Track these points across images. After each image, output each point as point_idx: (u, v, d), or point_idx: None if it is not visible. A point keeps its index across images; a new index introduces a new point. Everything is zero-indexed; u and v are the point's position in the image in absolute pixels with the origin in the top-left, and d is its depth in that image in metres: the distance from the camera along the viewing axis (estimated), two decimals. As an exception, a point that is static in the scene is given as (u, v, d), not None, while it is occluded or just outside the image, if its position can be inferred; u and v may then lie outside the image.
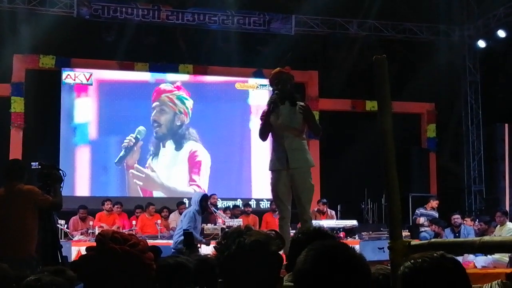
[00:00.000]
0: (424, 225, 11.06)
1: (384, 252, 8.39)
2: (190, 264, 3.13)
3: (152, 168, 12.63)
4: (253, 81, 13.32)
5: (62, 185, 5.49)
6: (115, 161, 12.46)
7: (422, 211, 11.35)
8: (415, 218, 11.30)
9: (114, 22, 12.18)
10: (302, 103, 5.93)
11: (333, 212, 11.64)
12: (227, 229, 7.71)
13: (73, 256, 8.39)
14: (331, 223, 10.51)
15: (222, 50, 12.80)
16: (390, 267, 2.27)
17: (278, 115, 5.80)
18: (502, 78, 13.28)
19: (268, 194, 8.03)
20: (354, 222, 10.77)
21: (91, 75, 12.50)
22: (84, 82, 12.47)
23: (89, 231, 9.98)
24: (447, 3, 13.15)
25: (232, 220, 10.16)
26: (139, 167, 12.54)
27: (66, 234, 10.00)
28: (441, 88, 13.76)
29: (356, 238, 10.22)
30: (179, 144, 12.86)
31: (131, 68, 12.82)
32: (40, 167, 5.55)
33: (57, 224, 7.55)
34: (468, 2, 13.33)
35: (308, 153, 5.94)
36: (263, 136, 5.94)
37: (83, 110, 12.49)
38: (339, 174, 12.73)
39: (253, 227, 2.05)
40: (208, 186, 12.69)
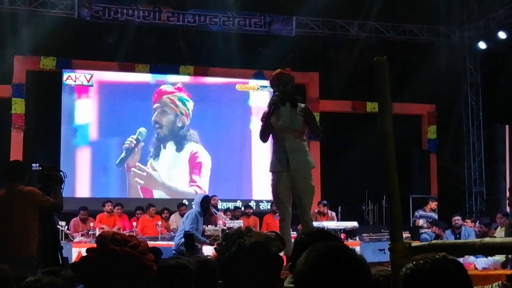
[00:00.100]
0: (424, 227, 11.02)
1: (384, 253, 8.37)
2: (191, 266, 3.13)
3: (154, 167, 12.64)
4: (253, 82, 13.32)
5: (62, 186, 5.49)
6: (116, 162, 12.46)
7: (421, 213, 11.32)
8: (414, 220, 11.27)
9: (115, 23, 12.19)
10: (303, 105, 5.93)
11: (333, 214, 11.63)
12: (227, 230, 7.69)
13: (73, 257, 8.38)
14: (331, 224, 10.49)
15: (222, 51, 12.81)
16: (390, 268, 2.27)
17: (278, 116, 5.79)
18: (503, 79, 13.27)
19: (268, 196, 8.02)
20: (355, 224, 10.76)
21: (91, 76, 12.51)
22: (85, 83, 12.48)
23: (89, 233, 9.98)
24: (448, 4, 13.15)
25: (232, 221, 10.17)
26: (140, 165, 12.55)
27: (67, 236, 9.98)
28: (441, 90, 13.76)
29: (357, 240, 10.20)
30: (180, 145, 12.87)
31: (131, 69, 12.84)
32: (40, 168, 5.55)
33: (57, 226, 7.55)
34: (468, 3, 13.33)
35: (309, 154, 5.93)
36: (263, 137, 5.93)
37: (84, 112, 12.50)
38: (339, 176, 12.74)
39: (253, 229, 2.05)
40: (208, 187, 12.69)
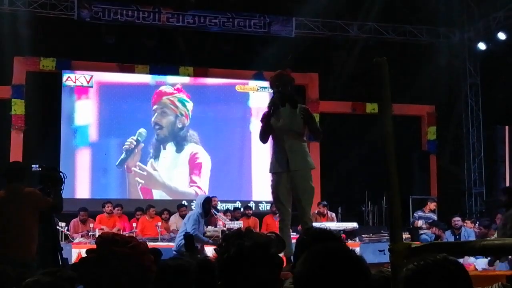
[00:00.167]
0: (423, 227, 11.01)
1: (384, 254, 8.38)
2: (191, 266, 3.13)
3: (154, 167, 12.65)
4: (253, 83, 13.32)
5: (62, 187, 5.50)
6: (116, 163, 12.45)
7: (420, 213, 11.30)
8: (413, 221, 11.25)
9: (114, 24, 12.18)
10: (303, 106, 5.93)
11: (333, 214, 11.62)
12: (227, 231, 7.69)
13: (73, 258, 8.37)
14: (331, 225, 10.47)
15: (222, 52, 12.80)
16: (390, 269, 2.27)
17: (278, 117, 5.80)
18: (502, 80, 13.27)
19: (268, 196, 8.02)
20: (355, 225, 10.75)
21: (91, 77, 12.51)
22: (85, 84, 12.47)
23: (89, 234, 9.95)
24: (447, 6, 13.14)
25: (232, 222, 10.15)
26: (141, 165, 12.55)
27: (67, 237, 9.97)
28: (441, 91, 13.76)
29: (357, 241, 10.18)
30: (180, 146, 12.86)
31: (131, 70, 12.84)
32: (40, 169, 5.55)
33: (57, 227, 7.56)
34: (468, 4, 13.32)
35: (309, 155, 5.93)
36: (263, 138, 5.93)
37: (84, 112, 12.49)
38: (339, 176, 12.74)
39: (253, 230, 2.05)
40: (208, 188, 12.69)
